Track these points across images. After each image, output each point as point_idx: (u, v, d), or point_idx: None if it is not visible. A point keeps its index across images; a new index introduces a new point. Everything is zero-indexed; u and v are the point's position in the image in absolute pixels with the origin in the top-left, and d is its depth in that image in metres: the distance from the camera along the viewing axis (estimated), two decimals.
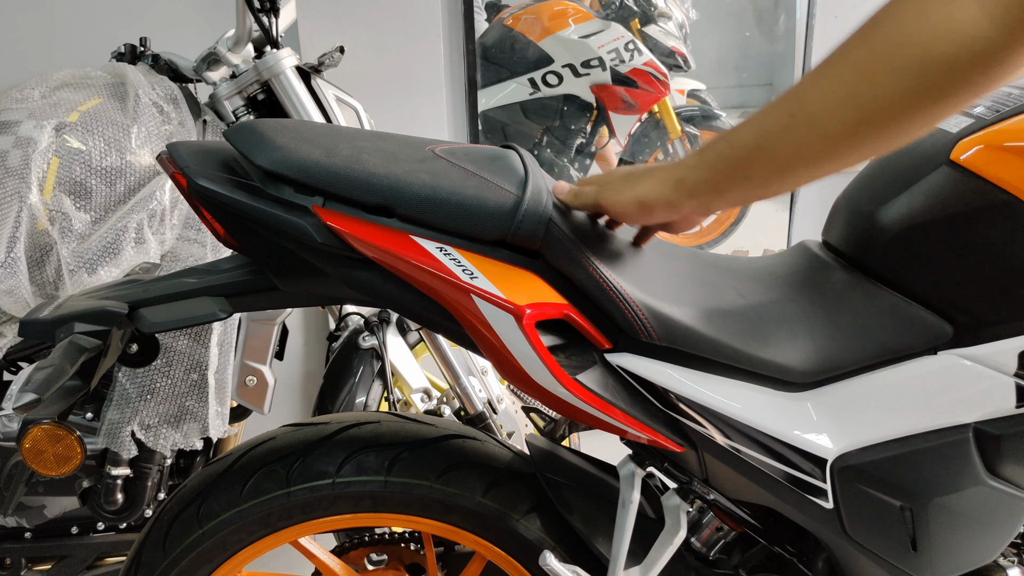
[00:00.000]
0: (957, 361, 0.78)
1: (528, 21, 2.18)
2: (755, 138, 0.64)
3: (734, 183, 0.66)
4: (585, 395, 0.74)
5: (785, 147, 0.62)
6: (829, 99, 0.60)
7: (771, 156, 0.63)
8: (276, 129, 0.74)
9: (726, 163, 0.66)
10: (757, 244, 2.45)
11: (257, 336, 1.30)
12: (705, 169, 0.67)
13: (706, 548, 0.96)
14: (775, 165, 0.63)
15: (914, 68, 0.57)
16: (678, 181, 0.68)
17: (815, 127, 0.61)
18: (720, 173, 0.66)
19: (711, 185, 0.67)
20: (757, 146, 0.63)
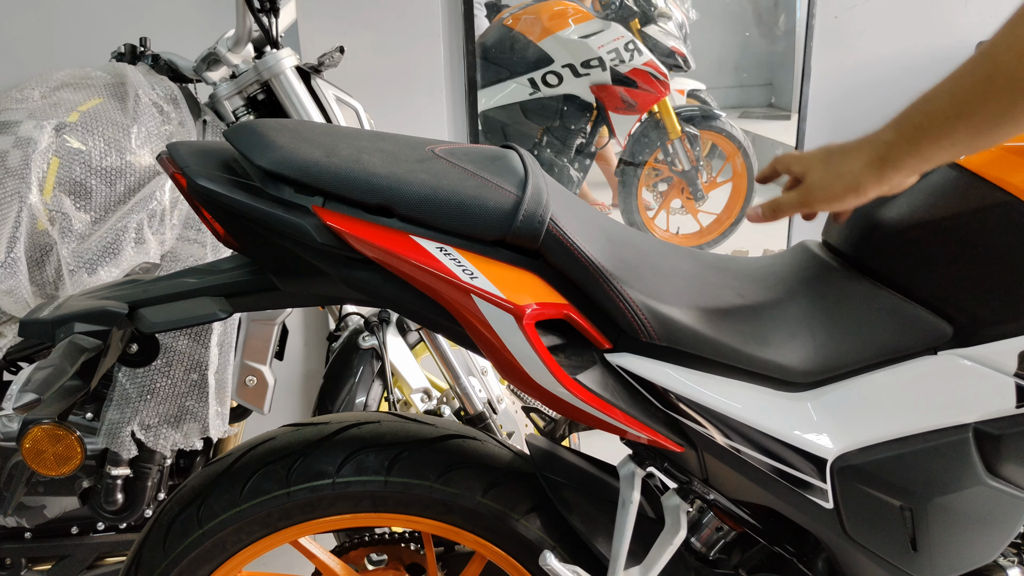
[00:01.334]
0: (957, 361, 0.78)
1: (528, 21, 2.18)
2: (952, 106, 0.63)
3: (939, 150, 0.66)
4: (585, 395, 0.74)
5: (987, 110, 0.62)
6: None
7: (972, 121, 0.63)
8: (276, 129, 0.74)
9: (927, 135, 0.65)
10: (757, 244, 2.45)
11: (257, 336, 1.30)
12: (907, 144, 0.67)
13: (706, 548, 0.96)
14: (978, 128, 0.63)
15: None
16: (883, 160, 0.68)
17: (1014, 89, 0.60)
18: (923, 145, 0.66)
19: (916, 157, 0.67)
20: (957, 114, 0.63)
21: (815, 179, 0.72)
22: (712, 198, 2.44)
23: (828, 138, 2.18)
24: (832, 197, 0.71)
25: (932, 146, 0.66)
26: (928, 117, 0.65)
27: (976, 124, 0.63)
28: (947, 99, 0.64)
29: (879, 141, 0.68)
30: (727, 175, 2.43)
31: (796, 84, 2.25)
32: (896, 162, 0.68)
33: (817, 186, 0.72)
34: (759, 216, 0.75)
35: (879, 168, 0.69)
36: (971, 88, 0.63)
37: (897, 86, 2.21)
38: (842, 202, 0.71)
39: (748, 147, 2.38)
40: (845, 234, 0.88)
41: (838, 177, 0.70)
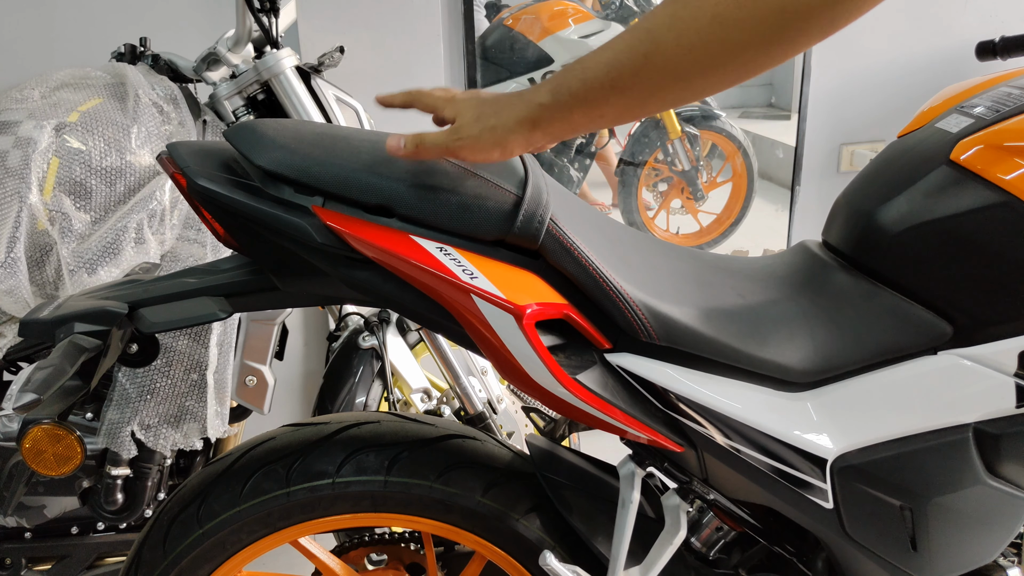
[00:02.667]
0: (957, 361, 0.78)
1: (528, 21, 2.18)
2: (609, 77, 0.64)
3: (588, 120, 0.67)
4: (585, 395, 0.74)
5: (639, 87, 0.63)
6: (683, 44, 0.61)
7: (624, 95, 0.64)
8: (276, 129, 0.74)
9: (580, 102, 0.66)
10: (757, 244, 2.45)
11: (257, 336, 1.30)
12: (559, 109, 0.67)
13: (706, 548, 0.96)
14: (628, 103, 0.65)
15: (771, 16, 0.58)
16: (534, 122, 0.67)
17: (668, 69, 0.62)
18: (575, 112, 0.66)
19: (566, 123, 0.67)
20: (612, 86, 0.64)
21: (464, 127, 0.70)
22: (712, 198, 2.44)
23: (828, 137, 2.20)
24: (479, 149, 0.70)
25: (583, 115, 0.66)
26: (584, 85, 0.65)
27: (628, 98, 0.64)
28: (605, 71, 0.64)
29: (533, 102, 0.67)
30: (727, 175, 2.43)
31: (796, 84, 2.25)
32: (546, 126, 0.68)
33: (466, 134, 0.70)
34: (400, 148, 0.72)
35: (529, 129, 0.68)
36: (629, 63, 0.63)
37: (897, 86, 2.21)
38: (487, 156, 0.71)
39: (748, 147, 2.38)
40: (845, 234, 0.88)
41: (489, 130, 0.69)
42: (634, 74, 0.63)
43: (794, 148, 2.29)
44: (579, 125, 0.67)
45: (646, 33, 0.62)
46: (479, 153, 0.70)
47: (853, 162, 2.32)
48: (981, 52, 1.37)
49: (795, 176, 2.33)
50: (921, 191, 0.79)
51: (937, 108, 0.90)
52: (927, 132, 0.86)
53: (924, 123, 0.89)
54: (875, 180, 0.87)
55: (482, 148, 0.69)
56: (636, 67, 0.63)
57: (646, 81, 0.63)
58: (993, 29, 2.11)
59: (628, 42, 0.63)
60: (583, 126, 0.68)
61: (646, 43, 0.62)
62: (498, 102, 0.70)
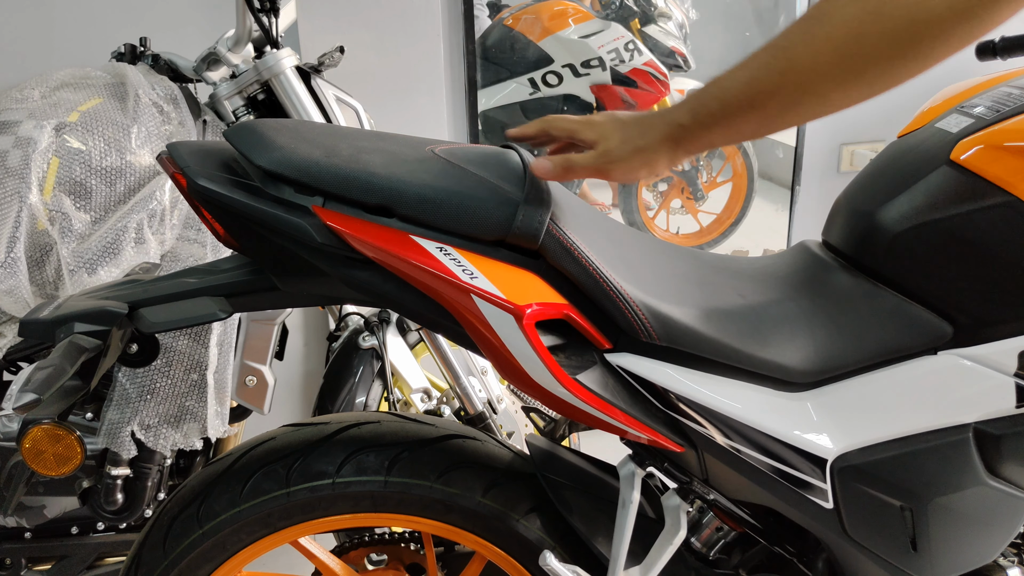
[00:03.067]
0: (957, 361, 0.78)
1: (528, 21, 2.18)
2: (747, 96, 0.66)
3: (726, 137, 0.70)
4: (585, 395, 0.74)
5: (776, 103, 0.65)
6: (820, 59, 0.63)
7: (763, 111, 0.66)
8: (276, 129, 0.74)
9: (718, 120, 0.68)
10: (757, 244, 2.45)
11: (257, 336, 1.30)
12: (699, 128, 0.69)
13: (706, 548, 0.96)
14: (765, 118, 0.67)
15: (902, 28, 0.60)
16: (676, 142, 0.70)
17: (805, 85, 0.64)
18: (714, 130, 0.69)
19: (705, 140, 0.70)
20: (749, 104, 0.66)
21: (612, 148, 0.73)
22: (712, 198, 2.44)
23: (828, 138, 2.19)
24: (628, 169, 0.73)
25: (723, 132, 0.69)
26: (723, 105, 0.67)
27: (765, 114, 0.66)
28: (742, 89, 0.66)
29: (674, 123, 0.70)
30: (727, 175, 2.43)
31: None
32: (687, 144, 0.71)
33: (615, 155, 0.73)
34: (548, 170, 0.74)
35: (673, 148, 0.71)
36: (766, 80, 0.65)
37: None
38: (636, 175, 0.74)
39: (748, 147, 2.38)
40: (845, 234, 0.88)
41: (636, 151, 0.72)
42: (771, 91, 0.65)
43: (794, 148, 2.29)
44: (718, 141, 0.70)
45: (782, 51, 0.64)
46: (628, 172, 0.73)
47: (853, 162, 2.32)
48: (981, 52, 1.37)
49: (795, 176, 2.33)
50: (921, 191, 0.79)
51: (937, 108, 0.90)
52: (927, 132, 0.86)
53: (924, 123, 0.89)
54: (875, 180, 0.87)
55: (631, 167, 0.72)
56: (773, 84, 0.65)
57: (783, 97, 0.65)
58: None
59: (764, 60, 0.65)
60: (721, 142, 0.70)
61: (782, 60, 0.64)
62: (640, 123, 0.72)
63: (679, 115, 0.70)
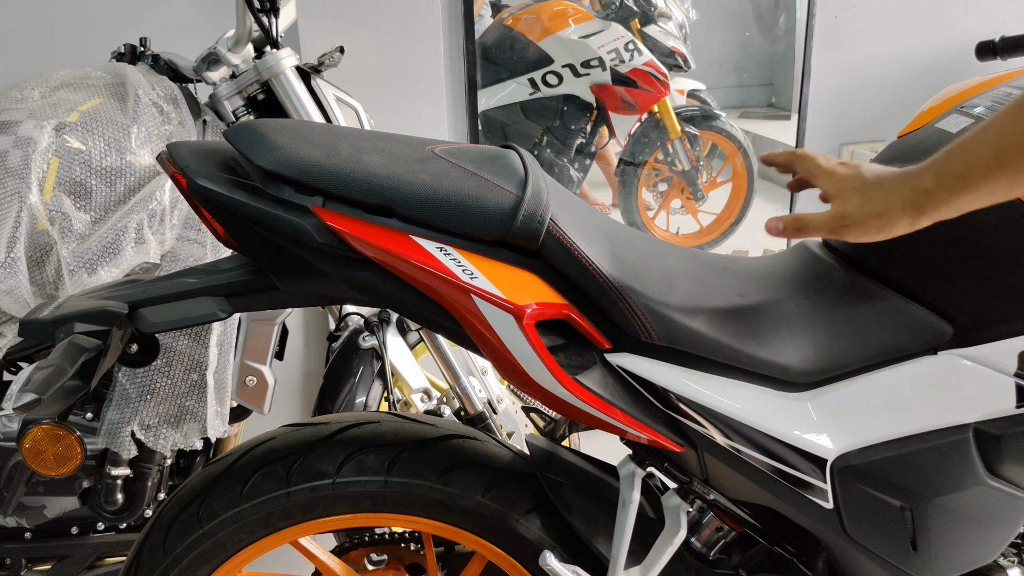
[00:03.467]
0: (957, 361, 0.78)
1: (528, 21, 2.18)
2: (996, 158, 0.63)
3: (974, 201, 0.66)
4: (585, 395, 0.74)
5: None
6: None
7: (1011, 170, 0.63)
8: (276, 129, 0.74)
9: (967, 185, 0.65)
10: (757, 244, 2.45)
11: (257, 336, 1.30)
12: (946, 194, 0.66)
13: (706, 548, 0.96)
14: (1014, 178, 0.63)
15: None
16: (919, 208, 0.67)
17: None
18: (961, 195, 0.66)
19: (952, 206, 0.67)
20: (999, 165, 0.63)
21: (851, 210, 0.71)
22: (712, 198, 2.44)
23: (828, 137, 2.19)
24: (865, 233, 0.71)
25: (970, 196, 0.65)
26: (969, 168, 0.64)
27: (1016, 174, 0.63)
28: (990, 150, 0.63)
29: (919, 188, 0.67)
30: (727, 175, 2.43)
31: (796, 84, 2.25)
32: (932, 211, 0.67)
33: (853, 218, 0.71)
34: (780, 230, 0.73)
35: (915, 214, 0.68)
36: (1014, 138, 0.62)
37: (897, 86, 2.21)
38: (872, 238, 0.71)
39: (748, 147, 2.38)
40: None
41: (875, 215, 0.69)
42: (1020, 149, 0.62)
43: (794, 148, 2.29)
44: (965, 206, 0.66)
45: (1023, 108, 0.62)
46: (863, 236, 0.70)
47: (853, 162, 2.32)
48: (981, 52, 1.37)
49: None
50: None
51: (937, 108, 0.90)
52: (927, 132, 0.86)
53: (924, 123, 0.89)
54: None
55: (867, 233, 0.70)
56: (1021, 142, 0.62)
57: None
58: (993, 29, 2.11)
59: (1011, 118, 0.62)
60: (968, 206, 0.66)
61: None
62: (882, 186, 0.69)
63: (924, 181, 0.67)
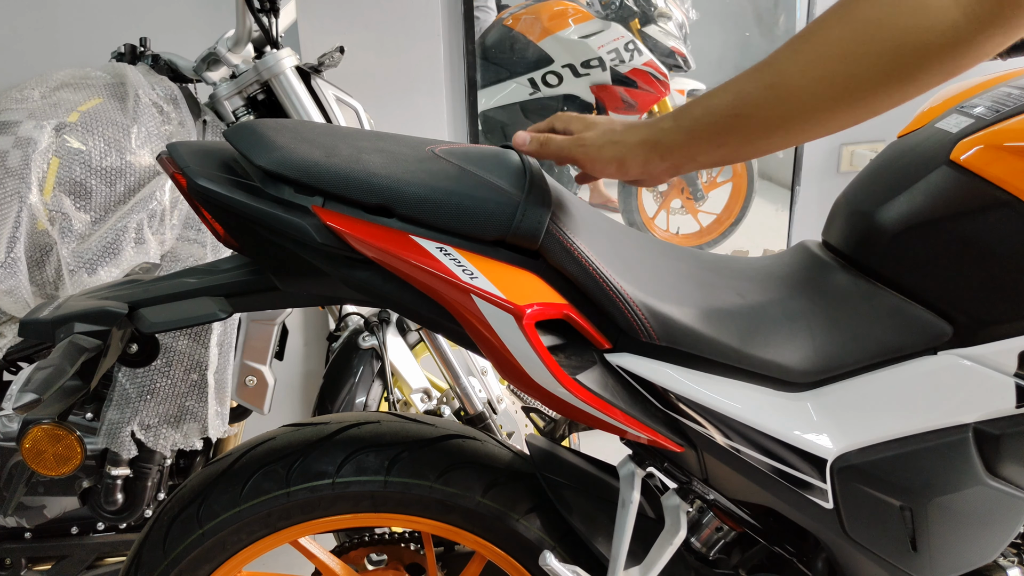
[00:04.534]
0: (957, 361, 0.78)
1: (528, 21, 2.18)
2: (733, 106, 0.66)
3: (709, 149, 0.68)
4: (585, 395, 0.74)
5: (762, 117, 0.65)
6: (807, 76, 0.63)
7: (747, 124, 0.66)
8: (276, 129, 0.74)
9: (703, 129, 0.68)
10: (757, 244, 2.45)
11: (257, 336, 1.30)
12: (682, 133, 0.69)
13: (706, 548, 0.96)
14: (750, 133, 0.66)
15: (888, 53, 0.60)
16: (655, 144, 0.70)
17: (792, 101, 0.64)
18: (696, 138, 0.68)
19: (686, 150, 0.69)
20: (735, 114, 0.66)
21: (589, 137, 0.74)
22: (712, 198, 2.44)
23: (828, 138, 2.17)
24: (596, 159, 0.73)
25: (704, 141, 0.68)
26: (708, 112, 0.67)
27: (749, 128, 0.66)
28: (729, 99, 0.66)
29: (657, 126, 0.70)
30: (727, 175, 2.43)
31: None
32: (665, 150, 0.70)
33: (589, 143, 0.74)
34: (525, 143, 0.77)
35: (648, 150, 0.70)
36: (753, 92, 0.65)
37: None
38: (604, 169, 0.74)
39: None
40: (845, 234, 0.88)
41: (610, 144, 0.72)
42: (757, 103, 0.65)
43: (794, 148, 2.29)
44: (699, 153, 0.69)
45: (769, 65, 0.65)
46: (598, 163, 0.73)
47: (853, 162, 2.32)
48: None
49: (795, 176, 2.33)
50: (921, 191, 0.79)
51: (937, 108, 0.90)
52: (927, 132, 0.86)
53: (924, 123, 0.89)
54: (875, 180, 0.87)
55: (602, 159, 0.73)
56: (760, 96, 0.65)
57: (768, 111, 0.64)
58: None
59: (752, 74, 0.65)
60: (703, 155, 0.69)
61: (769, 74, 0.64)
62: (626, 124, 0.73)
63: (663, 121, 0.70)
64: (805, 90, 0.63)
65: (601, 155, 0.73)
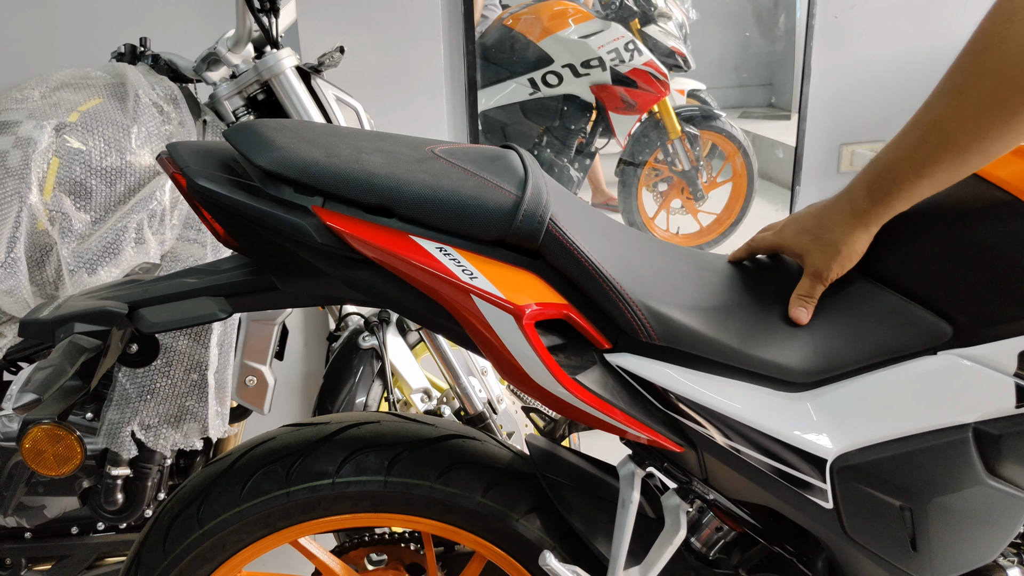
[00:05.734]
0: (957, 361, 0.78)
1: (528, 21, 2.18)
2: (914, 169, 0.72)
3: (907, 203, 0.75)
4: (585, 395, 0.74)
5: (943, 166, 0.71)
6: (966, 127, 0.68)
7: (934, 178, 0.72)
8: (276, 129, 0.74)
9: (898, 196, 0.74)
10: None
11: (257, 336, 1.30)
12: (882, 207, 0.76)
13: (706, 548, 0.96)
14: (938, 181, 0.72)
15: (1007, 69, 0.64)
16: (865, 226, 0.77)
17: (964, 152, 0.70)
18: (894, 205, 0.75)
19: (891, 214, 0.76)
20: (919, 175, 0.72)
21: (818, 262, 0.80)
22: (712, 198, 2.44)
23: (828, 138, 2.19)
24: (841, 269, 0.80)
25: (903, 203, 0.75)
26: (895, 184, 0.74)
27: (936, 179, 0.72)
28: (908, 164, 0.72)
29: (858, 210, 0.77)
30: (727, 175, 2.43)
31: (796, 84, 2.25)
32: (876, 223, 0.77)
33: (824, 267, 0.80)
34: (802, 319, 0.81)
35: (864, 231, 0.78)
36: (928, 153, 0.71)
37: (897, 86, 2.21)
38: (847, 267, 0.80)
39: (748, 147, 2.38)
40: None
41: (836, 253, 0.79)
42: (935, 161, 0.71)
43: (794, 148, 2.29)
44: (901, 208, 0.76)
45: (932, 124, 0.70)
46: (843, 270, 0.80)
47: (853, 162, 2.32)
48: None
49: (795, 176, 2.33)
50: None
51: None
52: None
53: None
54: None
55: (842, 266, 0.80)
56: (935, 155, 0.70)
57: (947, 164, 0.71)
58: None
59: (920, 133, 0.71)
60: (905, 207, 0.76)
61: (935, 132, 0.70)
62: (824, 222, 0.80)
63: (859, 202, 0.76)
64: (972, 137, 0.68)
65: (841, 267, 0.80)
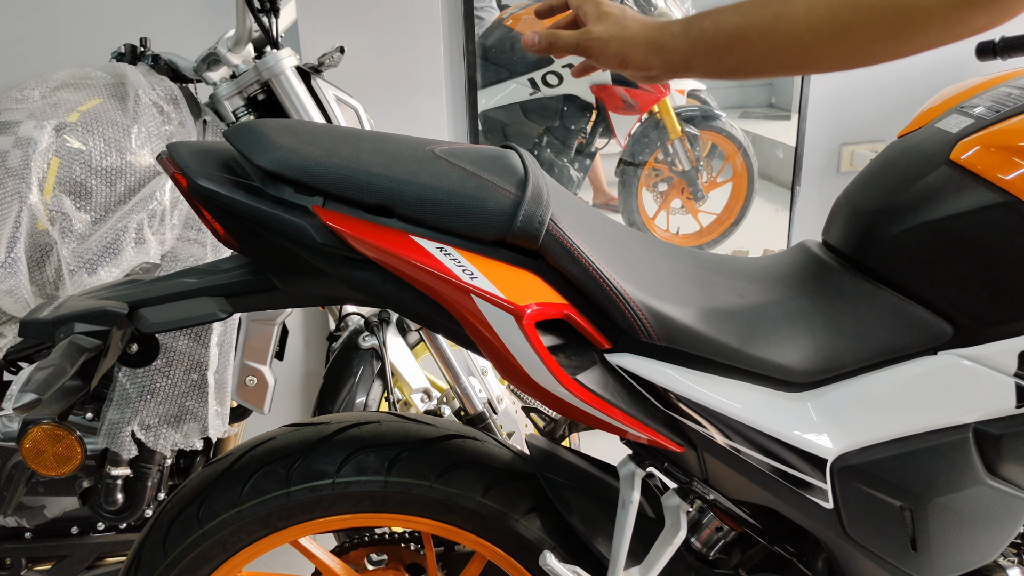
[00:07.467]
0: (957, 361, 0.78)
1: (528, 21, 2.18)
2: (739, 27, 0.69)
3: (707, 62, 0.72)
4: (585, 395, 0.74)
5: (763, 44, 0.68)
6: (813, 14, 0.66)
7: (748, 47, 0.69)
8: (276, 129, 0.74)
9: (707, 42, 0.71)
10: (757, 244, 2.45)
11: (257, 336, 1.30)
12: (687, 42, 0.72)
13: (706, 548, 0.96)
14: (748, 56, 0.69)
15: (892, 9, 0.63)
16: (660, 47, 0.73)
17: (794, 35, 0.67)
18: (698, 50, 0.72)
19: (686, 58, 0.73)
20: (740, 36, 0.69)
21: (600, 31, 0.76)
22: (712, 198, 2.44)
23: (828, 137, 2.20)
24: (602, 53, 0.76)
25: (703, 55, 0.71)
26: (715, 27, 0.70)
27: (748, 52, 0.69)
28: (737, 18, 0.69)
29: (666, 30, 0.73)
30: (727, 175, 2.43)
31: (796, 84, 2.25)
32: (668, 54, 0.73)
33: (597, 36, 0.76)
34: (535, 43, 0.79)
35: (652, 51, 0.74)
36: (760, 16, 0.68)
37: (897, 86, 2.21)
38: (607, 62, 0.77)
39: (748, 147, 2.38)
40: (845, 234, 0.88)
41: (619, 39, 0.75)
42: (762, 29, 0.68)
43: (794, 148, 2.29)
44: (697, 64, 0.72)
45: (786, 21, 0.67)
46: (603, 57, 0.76)
47: (853, 162, 2.32)
48: (981, 52, 1.37)
49: (795, 176, 2.33)
50: (921, 191, 0.79)
51: (937, 108, 0.90)
52: (927, 132, 0.86)
53: (924, 123, 0.89)
54: (875, 180, 0.87)
55: (607, 53, 0.76)
56: (765, 23, 0.68)
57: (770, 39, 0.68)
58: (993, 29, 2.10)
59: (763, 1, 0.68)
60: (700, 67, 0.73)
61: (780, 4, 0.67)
62: (637, 20, 0.76)
63: (672, 26, 0.73)
64: (808, 29, 0.66)
65: (607, 49, 0.76)
